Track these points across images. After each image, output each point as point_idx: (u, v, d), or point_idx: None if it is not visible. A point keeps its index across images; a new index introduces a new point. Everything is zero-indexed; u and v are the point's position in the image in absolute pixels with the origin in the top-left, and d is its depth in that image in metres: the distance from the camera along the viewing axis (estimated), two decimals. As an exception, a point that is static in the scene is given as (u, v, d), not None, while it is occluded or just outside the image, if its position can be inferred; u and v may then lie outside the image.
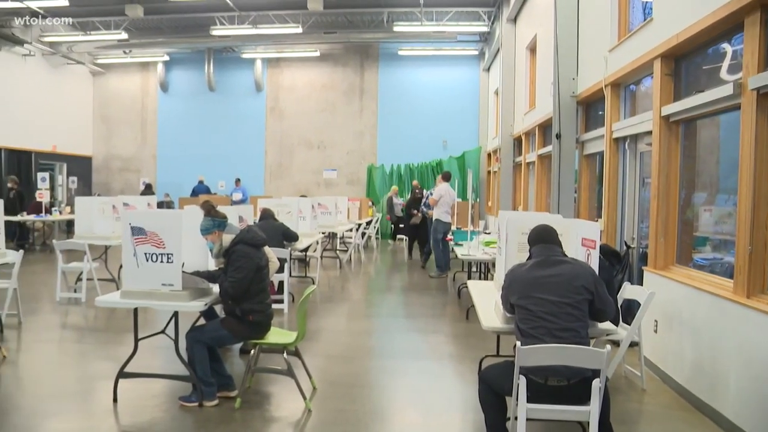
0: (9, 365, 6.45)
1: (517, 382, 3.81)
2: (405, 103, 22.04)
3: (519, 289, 4.11)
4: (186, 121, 23.47)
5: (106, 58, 22.99)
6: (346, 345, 7.58)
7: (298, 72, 22.82)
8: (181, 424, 4.87)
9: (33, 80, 20.78)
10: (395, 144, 21.94)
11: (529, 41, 13.90)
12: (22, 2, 16.24)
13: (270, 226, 8.53)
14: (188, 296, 5.05)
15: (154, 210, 10.90)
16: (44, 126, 21.22)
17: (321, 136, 22.68)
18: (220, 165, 22.79)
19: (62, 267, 9.75)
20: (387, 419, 5.14)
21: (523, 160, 14.51)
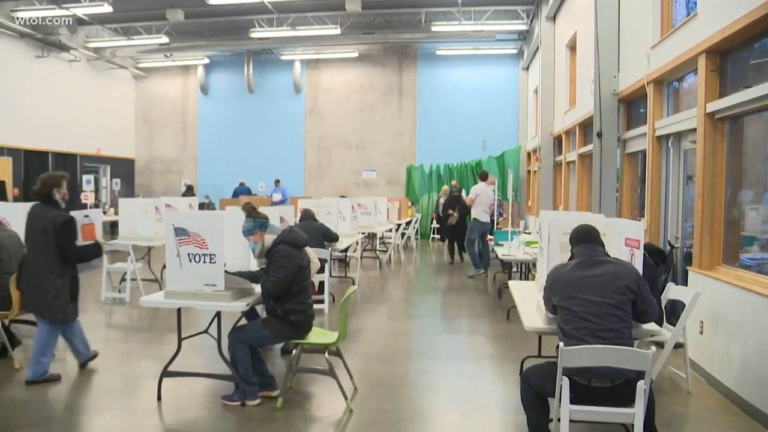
0: (58, 363, 6.57)
1: (560, 383, 3.78)
2: (444, 103, 21.96)
3: (561, 290, 4.07)
4: (226, 123, 23.71)
5: (148, 62, 23.34)
6: (386, 345, 7.58)
7: (336, 73, 22.90)
8: (223, 422, 4.92)
9: (78, 85, 21.21)
10: (434, 144, 21.88)
11: (569, 39, 13.75)
12: (69, 10, 16.59)
13: (311, 227, 8.58)
14: (230, 296, 5.10)
15: (197, 211, 11.03)
16: (89, 129, 21.65)
17: (360, 136, 22.73)
18: (260, 166, 22.97)
19: (107, 267, 9.93)
20: (427, 420, 5.13)
21: (563, 159, 14.37)
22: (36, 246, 5.78)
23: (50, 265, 5.73)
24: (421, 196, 21.64)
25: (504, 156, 20.83)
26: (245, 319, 5.74)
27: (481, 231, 12.63)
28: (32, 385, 5.73)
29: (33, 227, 5.81)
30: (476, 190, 12.77)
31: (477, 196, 12.62)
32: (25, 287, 5.88)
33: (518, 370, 6.03)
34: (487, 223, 12.58)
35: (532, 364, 4.58)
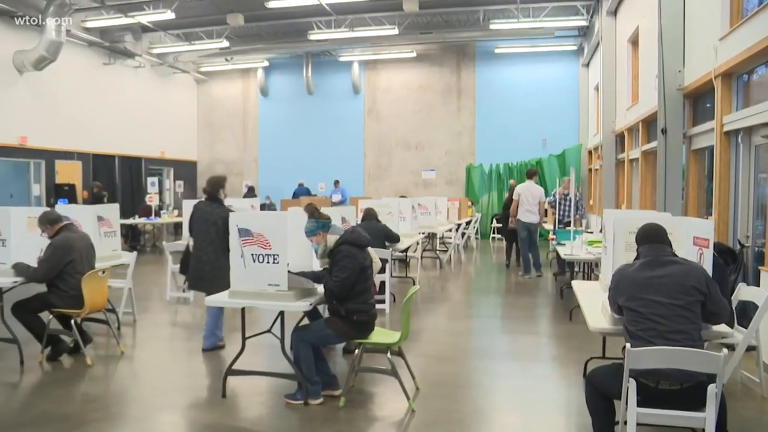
0: (126, 360, 6.76)
1: (627, 385, 3.70)
2: (503, 101, 21.76)
3: (627, 290, 3.99)
4: (286, 125, 23.98)
5: (209, 66, 23.77)
6: (447, 345, 7.55)
7: (394, 73, 22.93)
8: (286, 421, 4.97)
9: (143, 90, 21.77)
10: (494, 143, 21.70)
11: (631, 34, 13.47)
12: (134, 18, 17.04)
13: (372, 227, 8.58)
14: (294, 296, 5.14)
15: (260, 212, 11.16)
16: (153, 133, 22.21)
17: (419, 136, 22.71)
18: (320, 167, 23.16)
19: (172, 268, 10.11)
20: (489, 421, 5.09)
21: (626, 156, 14.09)
22: (205, 236, 6.80)
23: (218, 253, 6.64)
24: (480, 195, 21.49)
25: (564, 154, 20.55)
26: (307, 319, 5.79)
27: (525, 230, 12.36)
28: (206, 352, 6.95)
29: (203, 220, 6.85)
30: (518, 189, 12.59)
31: (519, 196, 12.41)
32: (195, 272, 6.88)
33: (582, 371, 5.94)
34: (529, 222, 12.33)
35: (596, 365, 4.51)
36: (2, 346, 6.71)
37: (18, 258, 6.51)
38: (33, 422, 4.97)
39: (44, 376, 6.21)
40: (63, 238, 6.45)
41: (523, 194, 12.36)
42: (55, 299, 6.45)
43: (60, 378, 6.16)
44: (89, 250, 6.73)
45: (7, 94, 16.40)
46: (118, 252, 8.37)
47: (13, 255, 6.52)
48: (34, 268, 6.43)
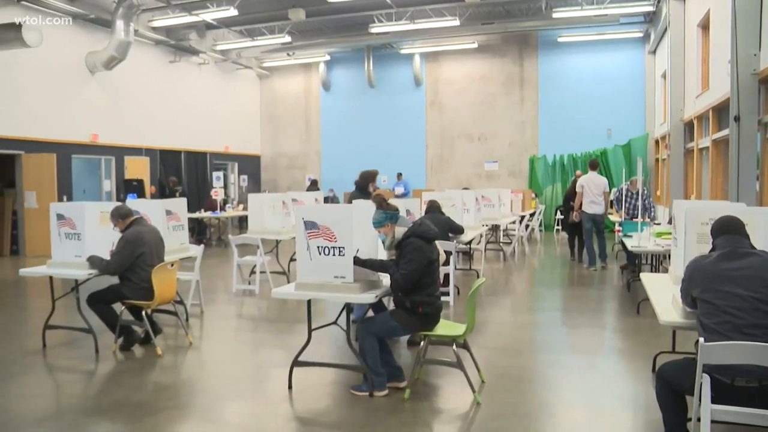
0: (194, 351, 6.90)
1: (700, 381, 3.58)
2: (566, 91, 21.40)
3: (702, 282, 3.86)
4: (348, 118, 24.12)
5: (272, 61, 24.03)
6: (512, 338, 7.47)
7: (456, 65, 22.79)
8: (352, 412, 4.98)
9: (207, 86, 22.18)
10: (557, 134, 21.37)
11: (701, 18, 13.05)
12: (198, 16, 17.36)
13: (436, 219, 8.53)
14: (359, 288, 5.15)
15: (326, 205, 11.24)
16: (217, 128, 22.61)
17: (481, 128, 22.53)
18: (382, 160, 23.13)
19: (237, 261, 10.29)
20: (555, 415, 5.02)
21: (695, 145, 13.69)
22: None
23: None
24: (544, 187, 21.21)
25: (630, 144, 20.09)
26: (372, 311, 5.80)
27: (590, 221, 12.16)
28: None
29: None
30: (581, 181, 12.38)
31: (582, 188, 12.21)
32: None
33: (650, 366, 5.81)
34: (595, 213, 12.09)
35: (666, 360, 4.38)
36: (79, 335, 6.96)
37: (92, 251, 6.69)
38: (110, 408, 5.13)
39: (118, 364, 6.40)
40: (134, 232, 6.62)
41: (586, 185, 12.15)
42: (127, 291, 6.62)
43: (132, 367, 6.34)
44: (159, 243, 6.89)
45: (80, 93, 16.92)
46: (186, 245, 8.55)
47: (88, 248, 6.71)
48: (106, 261, 6.61)
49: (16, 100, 14.98)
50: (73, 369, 6.36)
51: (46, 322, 7.01)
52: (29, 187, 15.19)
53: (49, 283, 7.03)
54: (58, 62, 16.11)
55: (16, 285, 11.36)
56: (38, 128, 15.58)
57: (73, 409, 5.23)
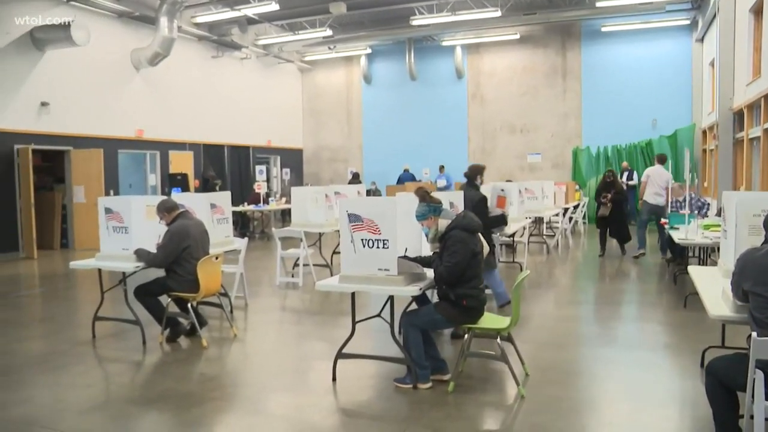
0: (239, 343, 6.98)
1: (753, 377, 3.49)
2: (610, 81, 21.07)
3: (754, 275, 3.76)
4: (389, 111, 24.10)
5: (313, 54, 24.11)
6: (556, 331, 7.40)
7: (498, 56, 22.60)
8: (396, 404, 4.99)
9: (249, 81, 22.36)
10: (601, 125, 21.05)
11: (753, 3, 12.67)
12: (240, 11, 17.50)
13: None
14: (403, 281, 5.13)
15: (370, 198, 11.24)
16: (260, 122, 22.79)
17: (523, 119, 22.33)
18: (424, 152, 23.14)
19: (281, 253, 10.35)
20: (600, 409, 4.97)
21: (745, 135, 13.36)
22: None
23: (486, 225, 7.16)
24: (588, 179, 20.90)
25: (676, 135, 19.69)
26: (415, 304, 5.79)
27: (650, 213, 12.24)
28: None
29: (463, 203, 7.47)
30: (648, 171, 12.45)
31: (648, 178, 12.25)
32: None
33: (699, 361, 5.70)
34: (657, 205, 12.03)
35: (715, 355, 4.29)
36: (126, 326, 7.08)
37: (138, 244, 6.80)
38: (157, 398, 5.22)
39: (164, 355, 6.50)
40: (180, 225, 6.70)
41: (652, 176, 12.19)
42: (173, 283, 6.72)
43: (179, 358, 6.43)
44: (204, 236, 6.97)
45: (126, 89, 17.20)
46: (230, 238, 8.63)
47: (134, 241, 6.81)
48: (153, 254, 6.71)
49: (65, 97, 15.29)
50: (121, 359, 6.48)
51: (95, 314, 7.16)
52: (77, 182, 15.50)
53: (98, 275, 7.17)
54: (104, 59, 16.39)
55: (66, 277, 11.62)
56: (86, 124, 15.89)
57: (122, 398, 5.33)
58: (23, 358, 6.54)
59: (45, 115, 14.82)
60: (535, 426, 4.53)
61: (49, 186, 16.12)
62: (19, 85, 14.29)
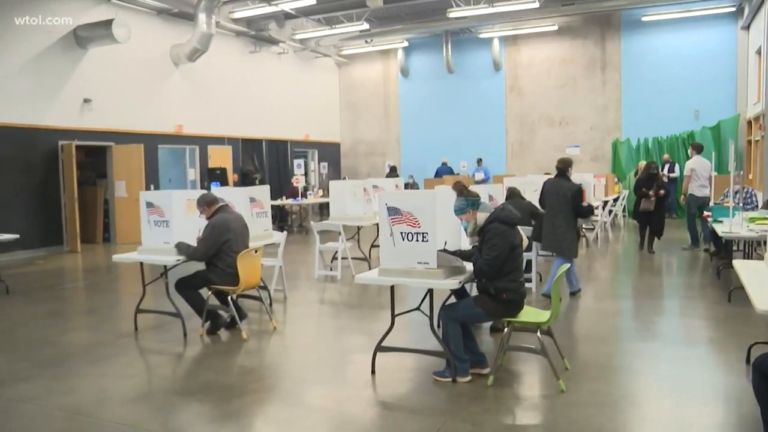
0: (278, 336, 7.04)
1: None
2: (651, 72, 20.69)
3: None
4: (426, 105, 24.02)
5: (350, 48, 24.10)
6: (596, 325, 7.33)
7: (536, 48, 22.38)
8: (435, 398, 4.98)
9: (287, 76, 22.46)
10: (641, 117, 20.70)
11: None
12: (277, 6, 17.58)
13: (518, 205, 8.41)
14: (443, 274, 5.12)
15: (409, 191, 11.23)
16: (297, 116, 22.88)
17: (562, 112, 22.09)
18: (461, 146, 23.03)
19: (319, 247, 10.40)
20: (642, 405, 4.89)
21: (793, 125, 13.05)
22: (556, 206, 8.19)
23: (567, 219, 8.12)
24: (628, 171, 20.58)
25: (720, 126, 19.30)
26: (454, 297, 5.77)
27: (697, 205, 11.96)
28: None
29: (554, 193, 8.27)
30: (690, 164, 12.10)
31: (692, 171, 11.95)
32: (547, 235, 8.26)
33: (744, 357, 5.59)
34: (704, 197, 11.79)
35: (762, 351, 4.20)
36: (168, 319, 7.17)
37: (179, 238, 6.87)
38: (199, 390, 5.28)
39: (205, 348, 6.58)
40: (220, 219, 6.76)
41: (697, 169, 11.93)
42: (213, 276, 6.79)
43: (219, 350, 6.50)
44: (244, 229, 7.02)
45: (165, 85, 17.42)
46: (269, 231, 8.68)
47: (175, 235, 6.89)
48: (193, 247, 6.78)
49: (107, 94, 15.53)
50: (162, 351, 6.58)
51: (137, 307, 7.27)
52: (119, 177, 15.74)
53: (140, 268, 7.27)
54: (144, 56, 16.61)
55: (108, 270, 11.81)
56: (127, 120, 16.13)
57: (164, 389, 5.42)
58: (69, 348, 6.67)
59: (87, 112, 15.08)
60: (575, 421, 4.49)
61: (91, 181, 16.41)
62: (63, 83, 14.56)
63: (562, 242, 8.13)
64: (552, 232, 8.23)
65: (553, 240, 8.22)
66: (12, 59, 13.49)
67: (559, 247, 8.17)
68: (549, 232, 8.26)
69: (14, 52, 13.52)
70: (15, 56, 13.55)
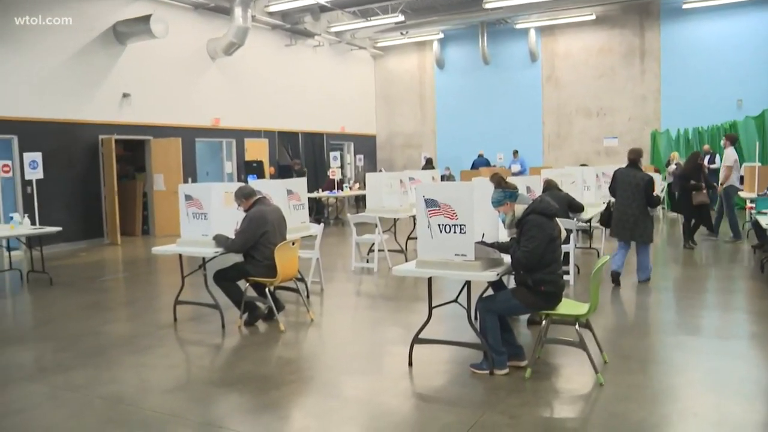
0: (315, 327, 7.08)
1: None
2: (691, 61, 20.29)
3: None
4: (462, 96, 23.90)
5: (385, 41, 24.07)
6: (636, 318, 7.24)
7: (573, 38, 22.11)
8: (472, 390, 4.97)
9: (322, 68, 22.51)
10: (681, 107, 20.32)
11: None
12: (313, -1, 17.68)
13: (555, 197, 8.33)
14: (480, 266, 5.10)
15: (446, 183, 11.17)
16: (333, 109, 22.95)
17: (600, 102, 21.80)
18: (498, 137, 22.87)
19: (356, 239, 10.42)
20: (683, 399, 4.80)
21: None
22: (629, 195, 8.55)
23: (640, 208, 8.49)
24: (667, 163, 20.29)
25: (764, 115, 18.85)
26: (491, 289, 5.74)
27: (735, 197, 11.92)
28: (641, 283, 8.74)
29: (626, 182, 8.62)
30: (731, 155, 11.91)
31: (735, 162, 11.84)
32: (620, 223, 8.64)
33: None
34: (740, 188, 11.67)
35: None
36: (206, 311, 7.26)
37: (217, 230, 6.94)
38: (237, 381, 5.34)
39: (243, 339, 6.64)
40: (257, 211, 6.80)
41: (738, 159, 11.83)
42: (251, 268, 6.83)
43: (257, 342, 6.56)
44: (281, 222, 7.06)
45: (202, 79, 17.57)
46: (306, 224, 8.73)
47: (214, 227, 6.96)
48: (231, 240, 6.83)
49: (145, 88, 15.73)
50: (201, 342, 6.66)
51: (176, 298, 7.37)
52: (157, 170, 15.93)
53: (179, 260, 7.36)
54: (181, 51, 16.78)
55: (147, 263, 11.98)
56: (165, 114, 16.32)
57: (203, 380, 5.49)
58: (110, 339, 6.79)
59: (126, 106, 15.29)
60: (614, 415, 4.44)
61: (130, 175, 16.65)
62: (102, 78, 14.78)
63: (635, 229, 8.49)
64: (625, 220, 8.55)
65: (624, 227, 8.57)
66: (55, 57, 13.74)
67: (631, 235, 8.55)
68: (621, 220, 8.60)
69: (57, 50, 13.77)
70: (58, 54, 13.82)
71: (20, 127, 13.10)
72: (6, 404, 4.95)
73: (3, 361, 6.10)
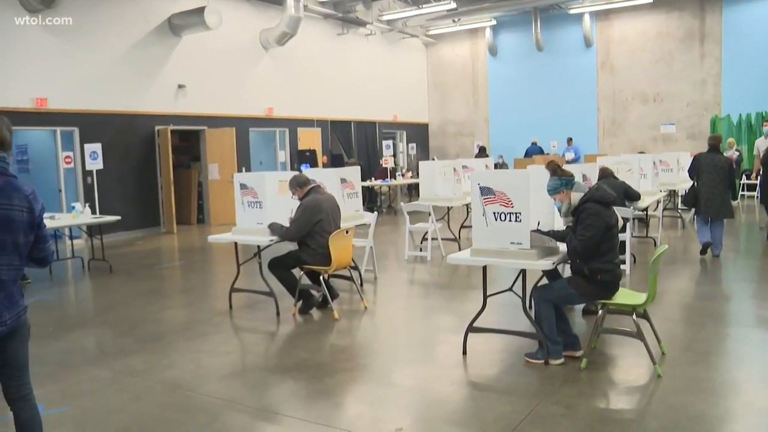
0: (369, 315, 7.10)
1: None
2: (755, 43, 19.54)
3: None
4: (515, 83, 23.62)
5: (437, 28, 23.91)
6: (694, 309, 7.07)
7: (628, 22, 21.61)
8: (526, 379, 4.93)
9: (374, 57, 22.50)
10: (743, 91, 19.68)
11: None
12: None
13: (612, 185, 8.19)
14: (536, 255, 5.05)
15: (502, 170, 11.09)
16: (385, 98, 22.94)
17: (657, 88, 21.28)
18: (551, 125, 22.55)
19: (409, 227, 10.42)
20: (746, 392, 4.67)
21: None
22: (714, 177, 9.36)
23: (724, 189, 9.36)
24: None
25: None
26: (546, 279, 5.68)
27: None
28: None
29: (710, 166, 9.39)
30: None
31: None
32: (706, 203, 9.38)
33: None
34: None
35: None
36: (261, 298, 7.35)
37: (272, 219, 7.01)
38: (292, 368, 5.41)
39: (297, 327, 6.71)
40: (312, 200, 6.85)
41: None
42: (305, 256, 6.89)
43: (311, 329, 6.62)
44: (335, 210, 7.09)
45: (256, 69, 17.74)
46: (360, 212, 8.76)
47: (268, 216, 7.03)
48: (286, 228, 6.89)
49: (200, 79, 15.95)
50: (256, 330, 6.74)
51: (232, 286, 7.48)
52: (212, 159, 16.16)
53: (234, 249, 7.46)
54: (235, 41, 16.96)
55: (203, 251, 12.17)
56: (219, 104, 16.53)
57: (258, 366, 5.56)
58: (168, 325, 6.93)
59: (182, 97, 15.54)
60: (672, 407, 4.34)
61: (186, 164, 16.93)
62: (158, 70, 15.04)
63: (721, 207, 9.33)
64: (712, 200, 9.36)
65: (712, 206, 9.36)
66: (113, 50, 14.03)
67: (719, 212, 9.35)
68: (708, 200, 9.39)
69: (115, 44, 14.05)
70: (117, 47, 14.11)
71: (81, 119, 13.42)
72: (71, 387, 5.10)
73: (67, 346, 6.28)
